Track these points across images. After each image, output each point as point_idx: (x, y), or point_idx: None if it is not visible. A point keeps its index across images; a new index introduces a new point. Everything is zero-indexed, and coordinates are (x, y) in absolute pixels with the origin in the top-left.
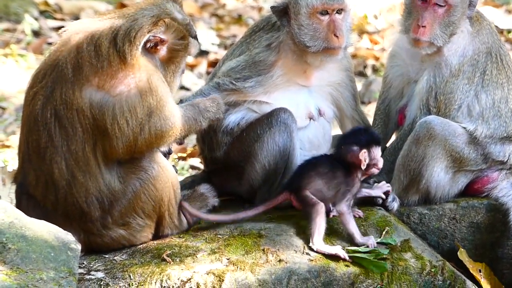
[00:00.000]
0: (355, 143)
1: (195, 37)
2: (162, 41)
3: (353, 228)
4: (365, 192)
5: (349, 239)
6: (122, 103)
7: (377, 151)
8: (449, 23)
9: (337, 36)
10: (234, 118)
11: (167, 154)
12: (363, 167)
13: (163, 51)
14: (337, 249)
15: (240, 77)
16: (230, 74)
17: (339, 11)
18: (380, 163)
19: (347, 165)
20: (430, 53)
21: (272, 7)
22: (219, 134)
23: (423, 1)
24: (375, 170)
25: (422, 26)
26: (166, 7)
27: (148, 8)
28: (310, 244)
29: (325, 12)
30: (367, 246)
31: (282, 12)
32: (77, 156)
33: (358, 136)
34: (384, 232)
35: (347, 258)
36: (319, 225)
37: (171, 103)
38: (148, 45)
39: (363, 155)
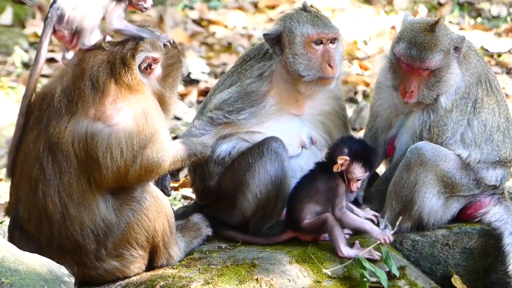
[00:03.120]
0: (344, 147)
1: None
2: (154, 60)
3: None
4: (355, 211)
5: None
6: (119, 133)
7: (359, 168)
8: (435, 83)
9: (331, 66)
10: (226, 148)
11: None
12: (336, 170)
13: (157, 70)
14: (363, 250)
15: (233, 110)
16: (222, 107)
17: (333, 40)
18: (359, 183)
19: (330, 170)
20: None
21: (265, 35)
22: (210, 164)
23: (407, 65)
24: (354, 187)
25: (410, 92)
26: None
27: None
28: (340, 254)
29: (319, 42)
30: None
31: (275, 40)
32: (70, 188)
33: (351, 143)
34: (398, 222)
35: (376, 257)
36: (339, 234)
37: (165, 137)
38: (143, 66)
39: (342, 160)
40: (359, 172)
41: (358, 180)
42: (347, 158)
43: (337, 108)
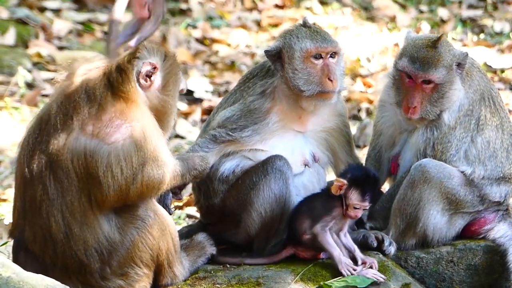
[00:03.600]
0: (346, 171)
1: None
2: (154, 68)
3: (328, 247)
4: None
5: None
6: (118, 151)
7: (356, 194)
8: (438, 98)
9: (331, 80)
10: (229, 166)
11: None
12: (334, 192)
13: (157, 80)
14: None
15: (236, 127)
16: (226, 124)
17: (333, 54)
18: (359, 212)
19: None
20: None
21: (266, 51)
22: (215, 182)
23: (410, 80)
24: (351, 214)
25: (413, 107)
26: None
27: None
28: (340, 268)
29: (319, 56)
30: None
31: (276, 56)
32: (73, 207)
33: (354, 169)
34: None
35: (381, 279)
36: (334, 248)
37: (164, 153)
38: (143, 79)
39: (339, 182)
40: (355, 199)
41: (356, 208)
42: (345, 182)
43: (341, 125)
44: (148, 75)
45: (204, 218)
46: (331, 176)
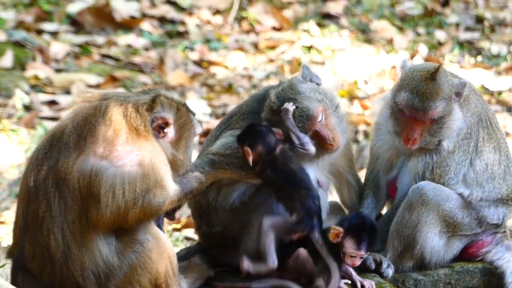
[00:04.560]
0: (343, 221)
1: (191, 111)
2: (166, 123)
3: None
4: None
5: None
6: (124, 174)
7: (353, 244)
8: (438, 129)
9: (327, 143)
10: (237, 195)
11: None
12: (332, 239)
13: (171, 133)
14: None
15: (235, 162)
16: (225, 156)
17: (320, 121)
18: (356, 261)
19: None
20: None
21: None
22: (221, 212)
23: (410, 115)
24: (348, 261)
25: (413, 139)
26: (157, 92)
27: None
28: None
29: (308, 130)
30: None
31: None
32: (73, 227)
33: (352, 218)
34: None
35: None
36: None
37: (168, 182)
38: (156, 130)
39: (335, 230)
40: (351, 247)
41: (352, 256)
42: (341, 230)
43: (344, 149)
44: (162, 127)
45: (204, 242)
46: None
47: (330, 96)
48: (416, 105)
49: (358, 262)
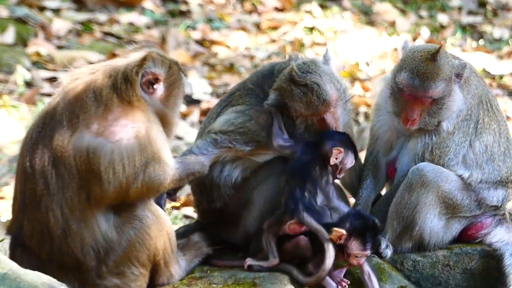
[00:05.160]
0: (343, 221)
1: (182, 71)
2: (156, 79)
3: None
4: None
5: None
6: (122, 149)
7: (358, 245)
8: (438, 110)
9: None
10: (240, 172)
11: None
12: (335, 240)
13: (160, 90)
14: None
15: (239, 139)
16: (228, 133)
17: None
18: (361, 260)
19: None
20: None
21: (267, 104)
22: (223, 189)
23: (410, 94)
24: (354, 262)
25: (412, 119)
26: (151, 50)
27: (135, 53)
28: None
29: (314, 116)
30: None
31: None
32: (72, 203)
33: (353, 220)
34: None
35: None
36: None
37: (167, 156)
38: (145, 85)
39: (339, 233)
40: (356, 248)
41: (357, 257)
42: (344, 232)
43: (345, 126)
44: (151, 83)
45: (203, 218)
46: None
47: (344, 87)
48: (416, 84)
49: (362, 260)
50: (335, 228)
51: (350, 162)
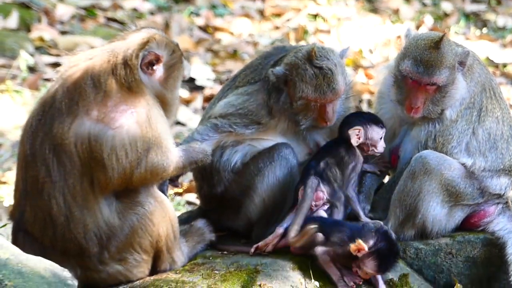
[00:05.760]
0: (367, 233)
1: (183, 55)
2: (157, 60)
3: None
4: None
5: None
6: (123, 135)
7: (375, 266)
8: (441, 98)
9: (325, 121)
10: (239, 156)
11: (174, 185)
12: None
13: (159, 71)
14: None
15: (239, 122)
16: (228, 116)
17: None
18: (368, 276)
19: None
20: None
21: (272, 72)
22: (223, 173)
23: (414, 81)
24: (360, 275)
25: (416, 107)
26: (152, 30)
27: (136, 34)
28: None
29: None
30: None
31: (282, 79)
32: (74, 190)
33: (380, 238)
34: None
35: None
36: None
37: (168, 142)
38: (145, 66)
39: (360, 247)
40: (371, 268)
41: (367, 273)
42: (366, 248)
43: (344, 110)
44: (151, 64)
45: (205, 204)
46: None
47: (350, 84)
48: (420, 71)
49: (369, 277)
50: (360, 241)
51: (376, 134)
